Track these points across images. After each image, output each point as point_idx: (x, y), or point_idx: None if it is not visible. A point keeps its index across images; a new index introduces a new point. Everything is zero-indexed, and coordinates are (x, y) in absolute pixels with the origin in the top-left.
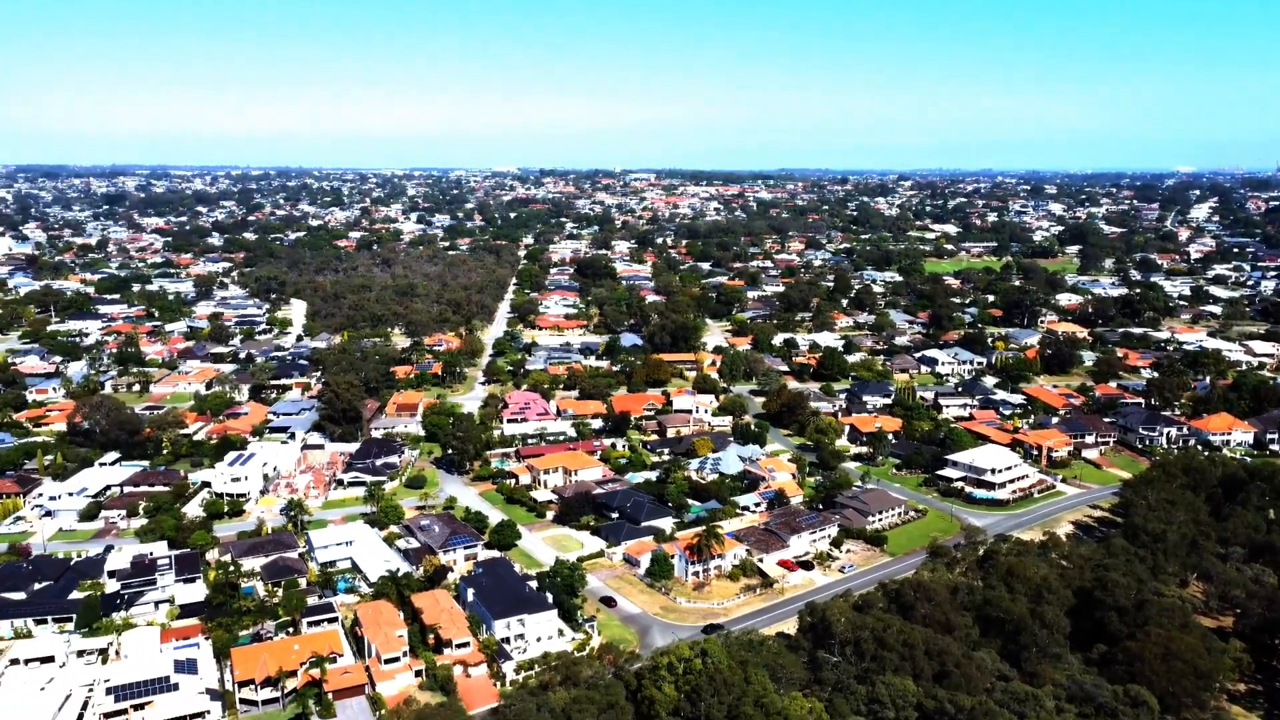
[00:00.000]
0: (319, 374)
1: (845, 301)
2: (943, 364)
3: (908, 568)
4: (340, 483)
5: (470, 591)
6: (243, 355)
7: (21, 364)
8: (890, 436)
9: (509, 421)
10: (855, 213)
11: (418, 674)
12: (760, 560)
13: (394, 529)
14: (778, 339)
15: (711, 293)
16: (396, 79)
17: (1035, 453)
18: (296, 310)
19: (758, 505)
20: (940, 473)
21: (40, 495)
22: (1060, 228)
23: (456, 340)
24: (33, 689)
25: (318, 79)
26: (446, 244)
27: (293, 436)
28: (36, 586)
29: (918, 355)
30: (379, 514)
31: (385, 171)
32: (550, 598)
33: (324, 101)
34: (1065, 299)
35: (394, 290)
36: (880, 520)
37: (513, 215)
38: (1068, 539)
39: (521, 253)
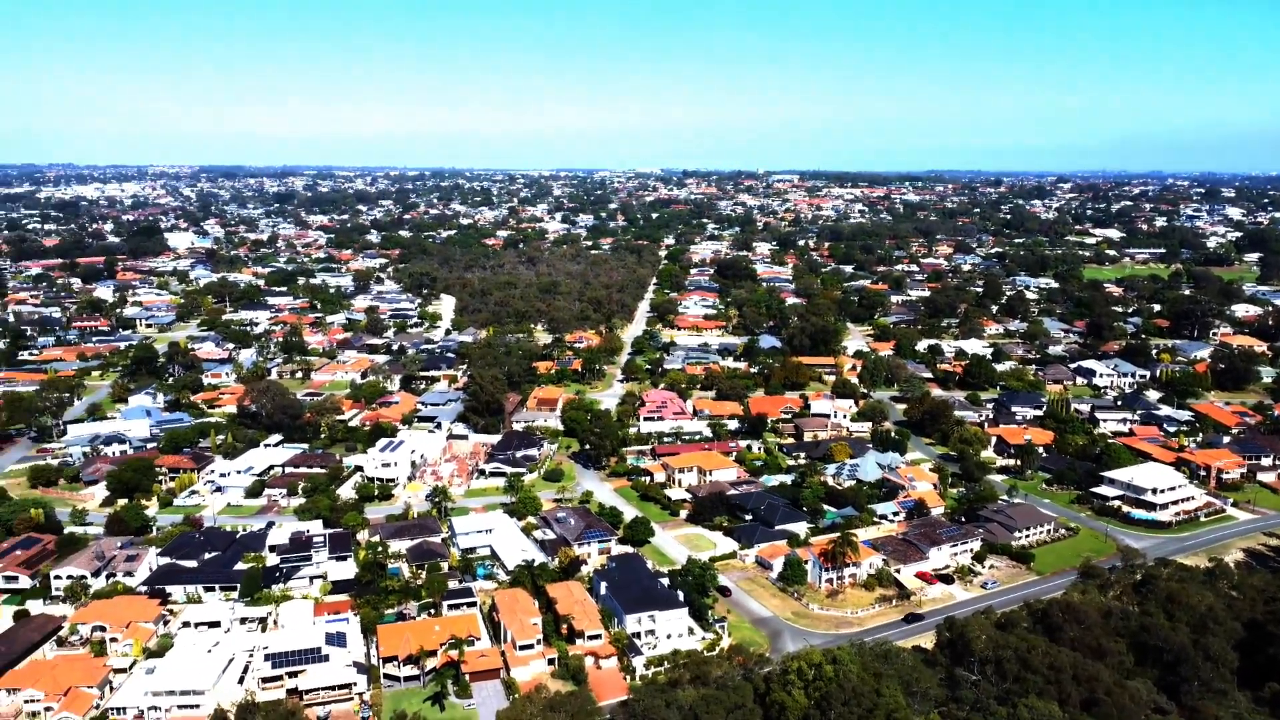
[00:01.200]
0: (465, 367)
1: (995, 308)
2: (1101, 376)
3: (1055, 588)
4: (482, 472)
5: (603, 585)
6: (395, 347)
7: (199, 350)
8: (1040, 450)
9: (646, 419)
10: (1009, 216)
11: (550, 662)
12: (897, 571)
13: (531, 520)
14: (921, 345)
15: (853, 296)
16: (547, 83)
17: (1203, 473)
18: (446, 305)
19: (896, 515)
20: (1095, 490)
21: (212, 472)
22: (1238, 234)
23: (596, 338)
24: (201, 650)
25: (474, 85)
26: (589, 243)
27: (439, 426)
28: (206, 556)
29: (1073, 366)
30: (518, 504)
31: (532, 172)
32: (681, 596)
33: (478, 106)
34: (1242, 310)
35: (538, 288)
36: (1027, 537)
37: (654, 216)
38: (1238, 567)
39: (662, 253)
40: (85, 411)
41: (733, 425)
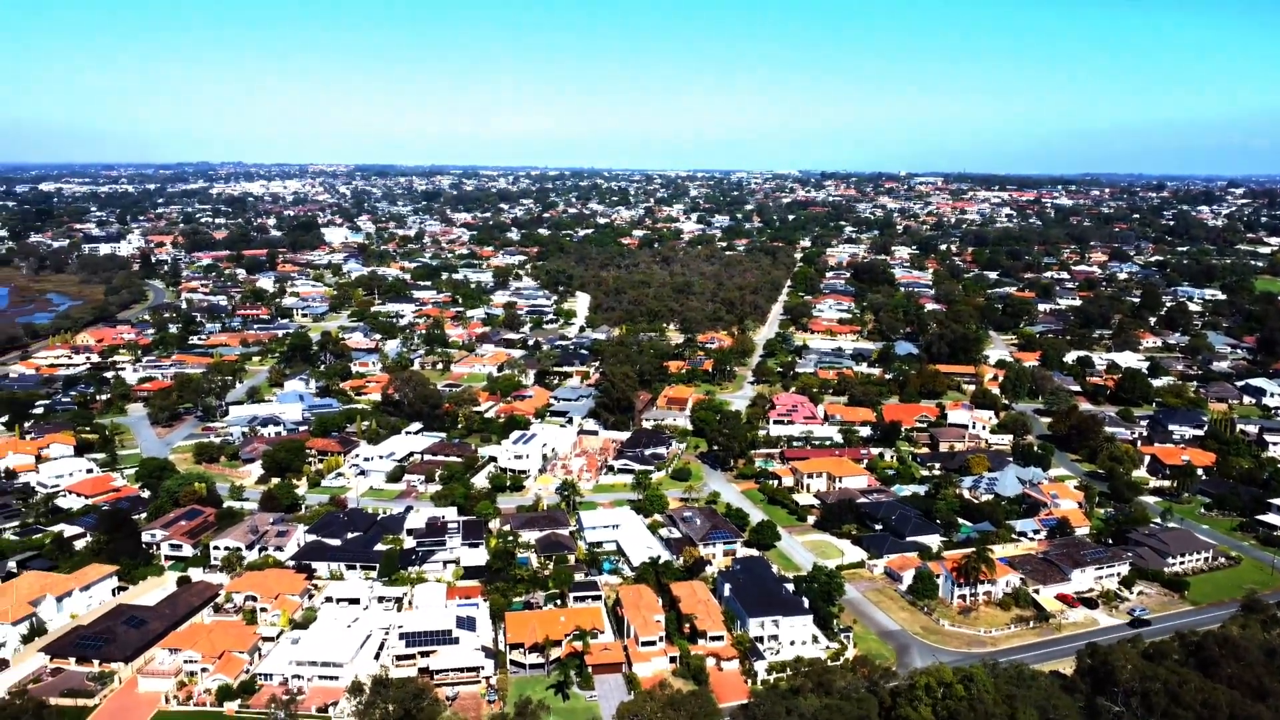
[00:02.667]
0: (598, 364)
1: (1153, 320)
2: (1272, 395)
3: (1212, 620)
4: (611, 468)
5: (727, 587)
6: (531, 342)
7: (349, 339)
8: (1200, 472)
9: (775, 422)
10: (1171, 222)
11: (672, 660)
12: (1036, 591)
13: (658, 518)
14: (1070, 356)
15: (997, 303)
16: (686, 85)
17: None
18: (581, 303)
19: (1036, 533)
20: (1262, 518)
21: (357, 456)
22: None
23: (728, 339)
24: (341, 625)
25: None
26: (724, 244)
27: (570, 421)
28: (349, 536)
29: (1240, 384)
30: (645, 502)
31: (669, 173)
32: (806, 602)
33: (618, 108)
34: None
35: (671, 287)
36: (1181, 563)
37: (791, 217)
38: None
39: (798, 255)
40: (245, 394)
41: (865, 432)
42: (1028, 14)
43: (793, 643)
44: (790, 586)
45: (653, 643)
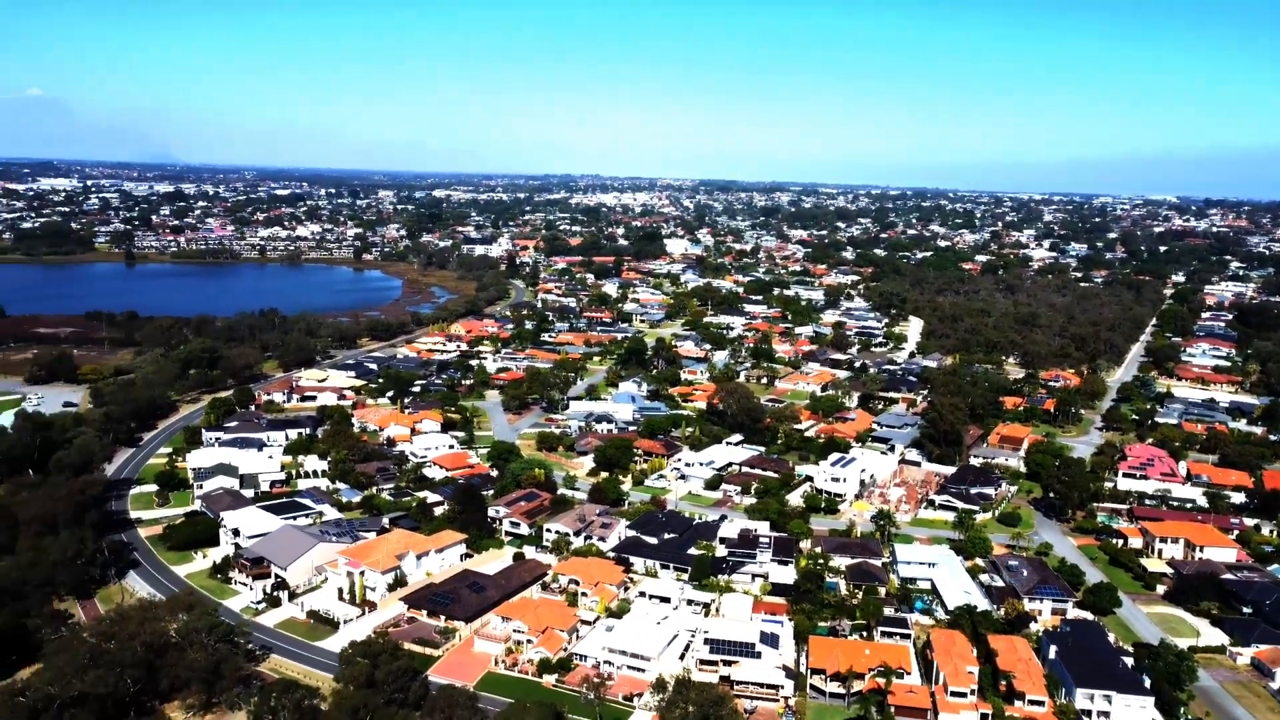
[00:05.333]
0: (926, 392)
1: None
2: None
3: None
4: (931, 503)
5: (1053, 649)
6: (858, 364)
7: (680, 347)
8: None
9: (1125, 475)
10: None
11: (982, 717)
12: None
13: (979, 562)
14: None
15: None
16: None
17: None
18: (913, 327)
19: None
20: None
21: (679, 460)
22: None
23: (1075, 378)
24: (652, 621)
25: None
26: (1079, 274)
27: (892, 449)
28: (665, 536)
29: None
30: (966, 543)
31: (1021, 196)
32: (1148, 682)
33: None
34: None
35: (1014, 318)
36: None
37: (1162, 249)
38: None
39: (1167, 291)
40: (584, 391)
41: (1237, 499)
42: None
43: None
44: (1130, 661)
45: (963, 694)
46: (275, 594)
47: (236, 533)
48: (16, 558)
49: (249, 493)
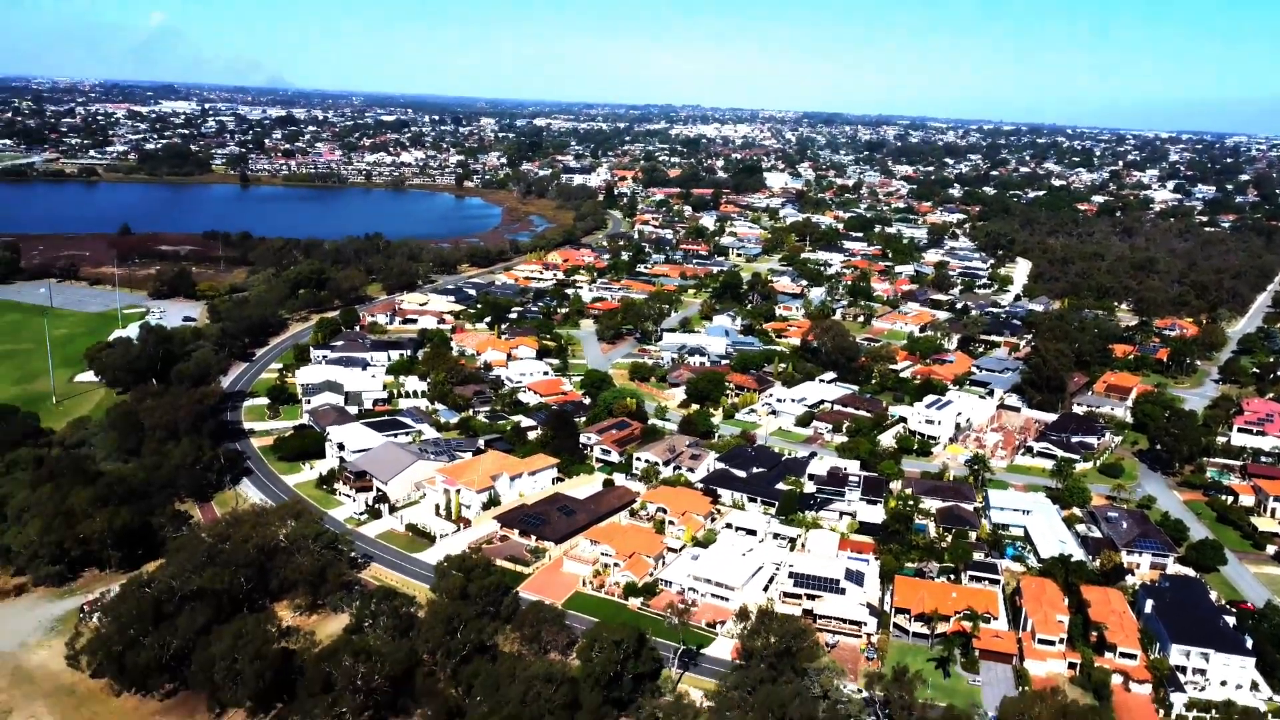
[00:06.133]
0: (1030, 336)
1: None
2: None
3: None
4: (1029, 450)
5: (1150, 603)
6: (959, 306)
7: (776, 283)
8: None
9: (1240, 430)
10: None
11: (1071, 666)
12: None
13: (1076, 512)
14: None
15: None
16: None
17: None
18: (1020, 269)
19: None
20: None
21: (770, 395)
22: None
23: (1193, 327)
24: (737, 552)
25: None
26: (1204, 218)
27: (991, 393)
28: (754, 470)
29: None
30: (1063, 492)
31: (1146, 134)
32: (1250, 642)
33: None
34: None
35: (1130, 262)
36: None
37: None
38: None
39: None
40: (678, 323)
41: None
42: None
43: (1224, 683)
44: (1231, 620)
45: (1051, 642)
46: (376, 506)
47: (341, 447)
48: (142, 460)
49: (353, 410)
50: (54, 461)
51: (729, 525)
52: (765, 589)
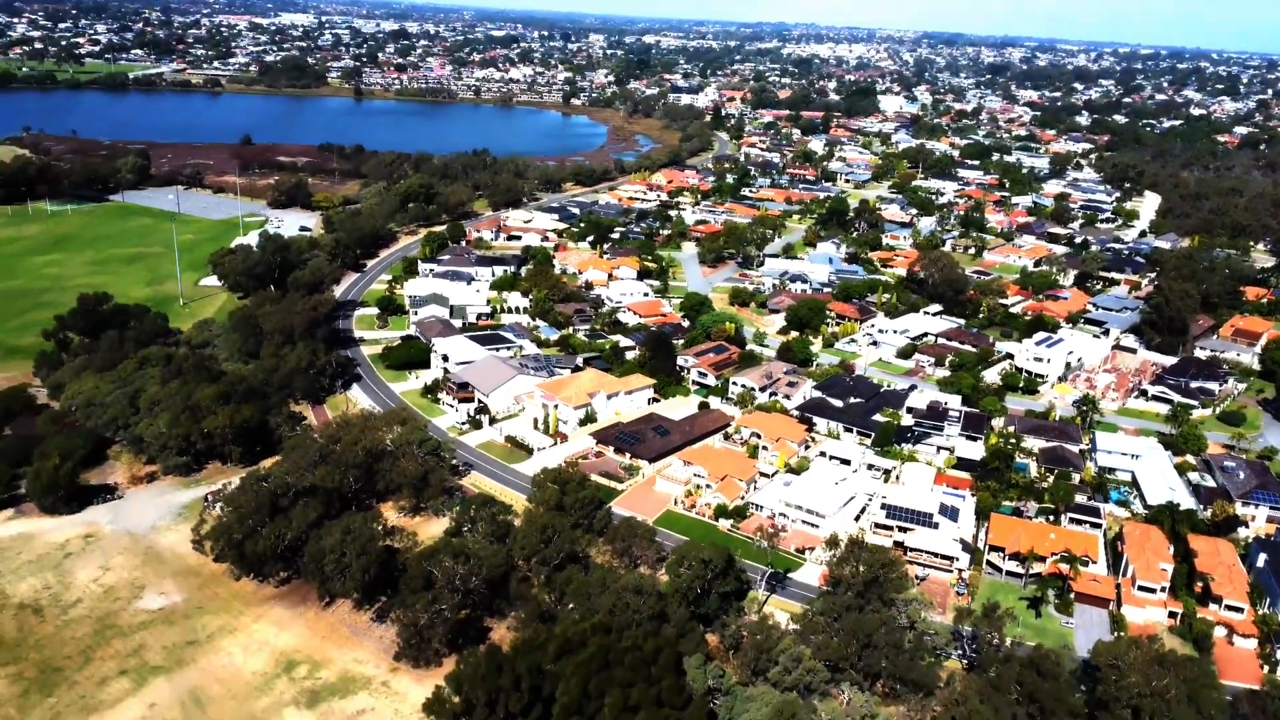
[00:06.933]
0: (1153, 275)
1: None
2: None
3: None
4: (1143, 393)
5: (1262, 557)
6: (1078, 240)
7: (885, 211)
8: None
9: None
10: None
11: (1171, 615)
12: None
13: (1190, 459)
14: None
15: None
16: None
17: None
18: (1147, 204)
19: None
20: None
21: (872, 326)
22: None
23: None
24: (830, 480)
25: None
26: None
27: (1106, 332)
28: (851, 400)
29: None
30: (1177, 438)
31: None
32: None
33: None
34: None
35: (1271, 199)
36: None
37: None
38: None
39: None
40: (781, 249)
41: None
42: None
43: None
44: None
45: (1152, 590)
46: (477, 417)
47: (445, 358)
48: (261, 362)
49: (457, 322)
50: (181, 360)
51: (823, 454)
52: (856, 519)
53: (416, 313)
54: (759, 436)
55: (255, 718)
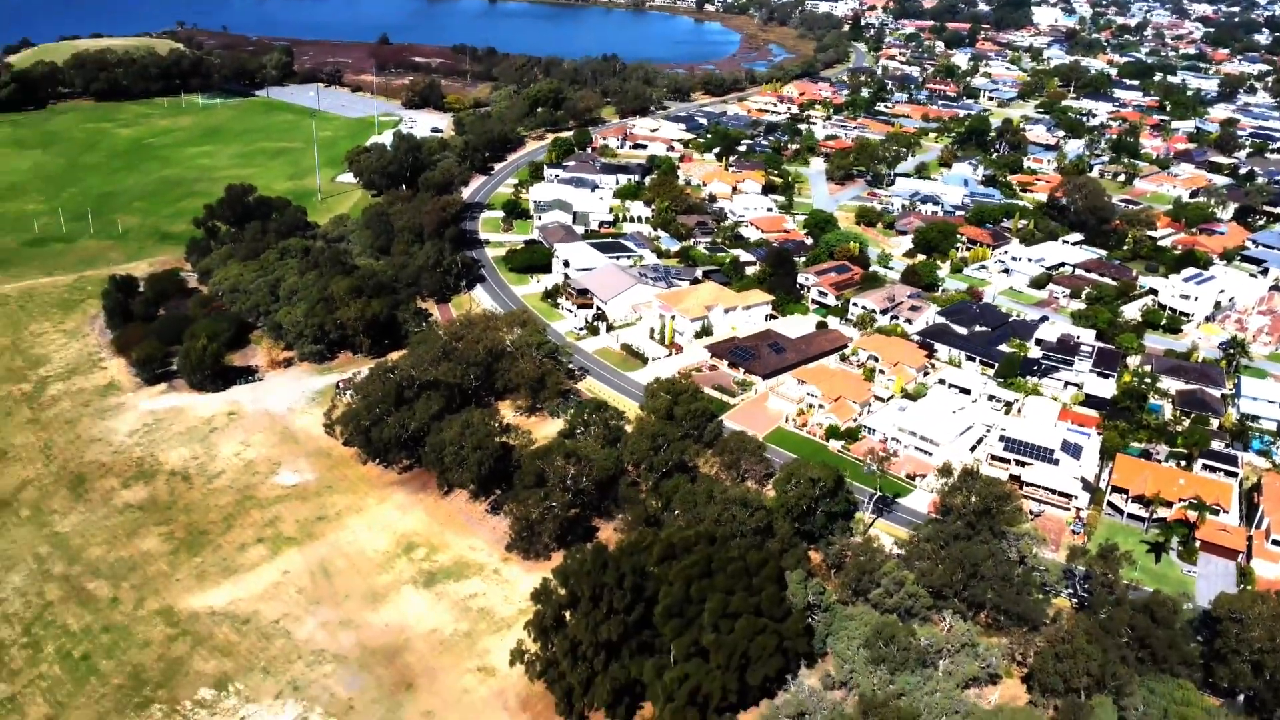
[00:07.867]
0: None
1: None
2: None
3: None
4: None
5: None
6: (1243, 171)
7: (1029, 132)
8: None
9: None
10: None
11: None
12: None
13: None
14: None
15: None
16: None
17: None
18: None
19: None
20: None
21: (1005, 253)
22: None
23: None
24: (947, 409)
25: None
26: None
27: (1265, 271)
28: (976, 328)
29: None
30: None
31: None
32: None
33: None
34: None
35: None
36: None
37: None
38: None
39: None
40: (913, 169)
41: None
42: None
43: None
44: None
45: None
46: (595, 324)
47: (567, 264)
48: (391, 259)
49: (580, 229)
50: (318, 252)
51: (942, 381)
52: (972, 449)
53: (540, 218)
54: (876, 359)
55: (376, 592)
